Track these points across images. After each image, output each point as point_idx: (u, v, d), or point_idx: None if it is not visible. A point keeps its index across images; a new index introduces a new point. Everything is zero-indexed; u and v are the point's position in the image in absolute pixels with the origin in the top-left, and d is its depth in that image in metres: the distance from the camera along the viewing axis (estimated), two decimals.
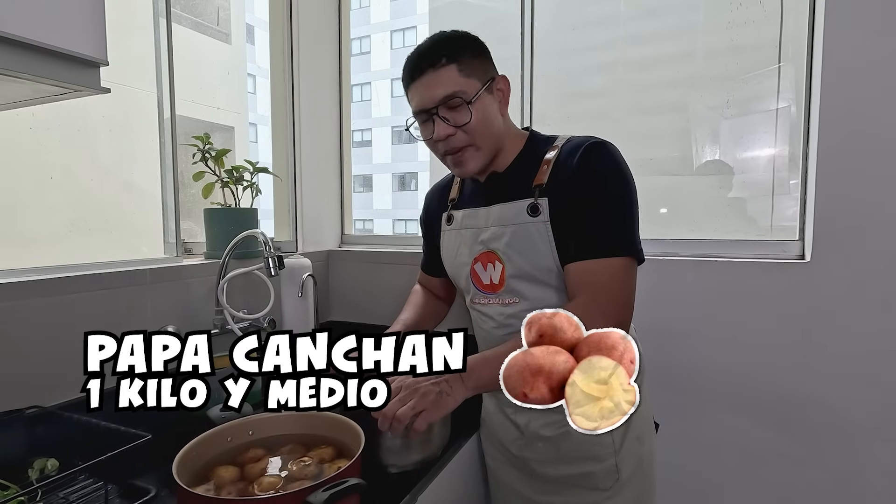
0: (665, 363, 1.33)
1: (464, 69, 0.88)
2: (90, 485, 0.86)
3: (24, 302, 0.93)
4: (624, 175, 0.88)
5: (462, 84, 0.88)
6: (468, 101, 0.87)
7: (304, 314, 1.35)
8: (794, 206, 1.31)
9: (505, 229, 0.93)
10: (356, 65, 17.74)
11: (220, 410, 1.04)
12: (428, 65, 0.88)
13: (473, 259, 0.99)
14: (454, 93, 0.87)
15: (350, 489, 0.66)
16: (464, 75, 0.88)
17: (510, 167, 0.97)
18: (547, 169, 0.91)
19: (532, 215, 0.90)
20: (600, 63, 1.66)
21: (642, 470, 0.99)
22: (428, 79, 0.88)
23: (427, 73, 0.89)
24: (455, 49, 0.89)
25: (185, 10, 3.02)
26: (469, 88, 0.88)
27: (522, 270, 0.93)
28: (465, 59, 0.89)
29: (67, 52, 0.69)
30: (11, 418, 0.88)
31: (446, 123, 0.89)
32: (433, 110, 0.89)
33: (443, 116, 0.89)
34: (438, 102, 0.88)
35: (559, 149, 0.92)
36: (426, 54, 0.89)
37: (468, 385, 0.81)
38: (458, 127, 0.89)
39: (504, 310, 0.96)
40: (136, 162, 1.82)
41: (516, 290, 0.94)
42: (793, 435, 1.25)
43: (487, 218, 0.97)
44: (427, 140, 0.94)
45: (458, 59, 0.88)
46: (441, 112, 0.89)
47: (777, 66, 1.36)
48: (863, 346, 1.17)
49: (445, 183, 1.14)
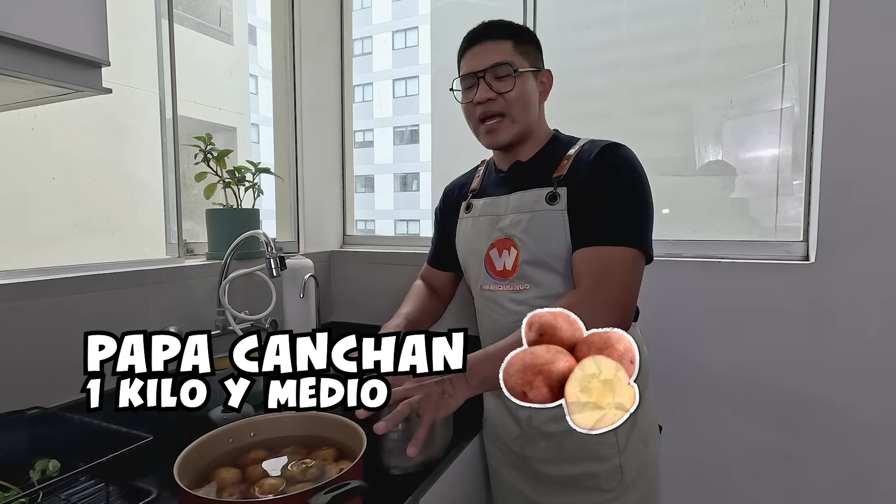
0: (669, 365, 1.33)
1: (519, 49, 0.96)
2: (91, 486, 0.86)
3: (26, 302, 0.93)
4: (638, 173, 0.92)
5: (513, 57, 0.95)
6: (515, 71, 0.94)
7: (305, 315, 1.35)
8: (797, 207, 1.31)
9: (523, 216, 0.96)
10: (358, 65, 17.77)
11: (221, 411, 1.03)
12: (487, 36, 0.97)
13: (490, 245, 1.01)
14: (504, 61, 0.94)
15: (352, 491, 0.66)
16: (518, 53, 0.96)
17: (532, 158, 1.01)
18: (567, 163, 0.95)
19: (550, 203, 0.93)
20: (602, 63, 1.65)
21: (647, 473, 0.98)
22: (484, 47, 0.96)
23: (485, 43, 0.96)
24: (517, 31, 0.98)
25: (187, 10, 3.02)
26: (518, 63, 0.95)
27: (536, 257, 0.94)
28: (521, 41, 0.97)
29: (69, 52, 0.69)
30: (13, 419, 0.88)
31: (489, 88, 0.95)
32: (480, 73, 0.95)
33: (488, 82, 0.95)
34: (487, 67, 0.95)
35: (580, 147, 0.97)
36: (489, 27, 0.98)
37: (472, 384, 0.81)
38: (500, 94, 0.95)
39: (514, 296, 0.98)
40: (139, 162, 1.82)
41: (528, 277, 0.96)
42: (798, 436, 1.24)
43: (507, 205, 0.99)
44: (467, 103, 0.99)
45: (515, 38, 0.97)
46: (487, 77, 0.95)
47: (781, 65, 1.36)
48: (868, 347, 1.16)
49: (467, 177, 1.17)
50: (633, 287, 0.88)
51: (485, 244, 1.02)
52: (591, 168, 0.92)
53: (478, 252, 1.04)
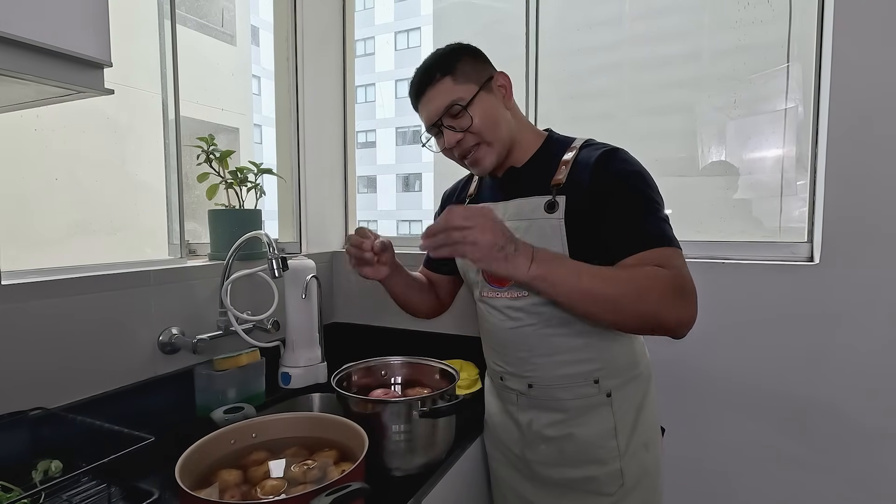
0: (672, 366, 1.32)
1: (458, 78, 0.93)
2: (93, 487, 0.86)
3: (29, 303, 0.93)
4: (645, 177, 0.89)
5: (458, 91, 0.92)
6: (465, 105, 0.92)
7: (308, 315, 1.35)
8: (800, 208, 1.30)
9: (521, 223, 0.94)
10: (360, 66, 17.77)
11: (223, 413, 1.03)
12: (426, 84, 0.95)
13: None
14: (452, 101, 0.92)
15: (354, 493, 0.66)
16: (459, 83, 0.93)
17: (528, 163, 0.99)
18: (565, 169, 0.93)
19: (549, 212, 0.91)
20: (605, 63, 1.65)
21: (648, 477, 0.98)
22: (427, 98, 0.95)
23: (426, 92, 0.95)
24: (447, 62, 0.94)
25: (189, 11, 3.02)
26: (466, 94, 0.92)
27: None
28: (458, 68, 0.93)
29: (70, 53, 0.69)
30: (15, 420, 0.88)
31: (452, 131, 0.94)
32: (438, 122, 0.95)
33: (448, 126, 0.94)
34: (441, 114, 0.93)
35: (577, 150, 0.94)
36: (422, 75, 0.96)
37: (537, 260, 0.74)
38: (464, 131, 0.93)
39: (512, 303, 0.96)
40: (141, 163, 1.82)
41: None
42: (801, 439, 1.23)
43: (505, 212, 0.98)
44: (443, 151, 0.99)
45: (451, 71, 0.93)
46: (445, 122, 0.94)
47: (785, 65, 1.35)
48: (873, 348, 1.16)
49: (465, 181, 1.17)
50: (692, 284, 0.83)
51: None
52: (593, 176, 0.88)
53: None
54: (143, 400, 1.10)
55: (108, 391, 1.05)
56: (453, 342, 1.54)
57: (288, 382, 1.30)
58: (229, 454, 0.83)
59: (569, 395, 0.95)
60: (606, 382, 0.95)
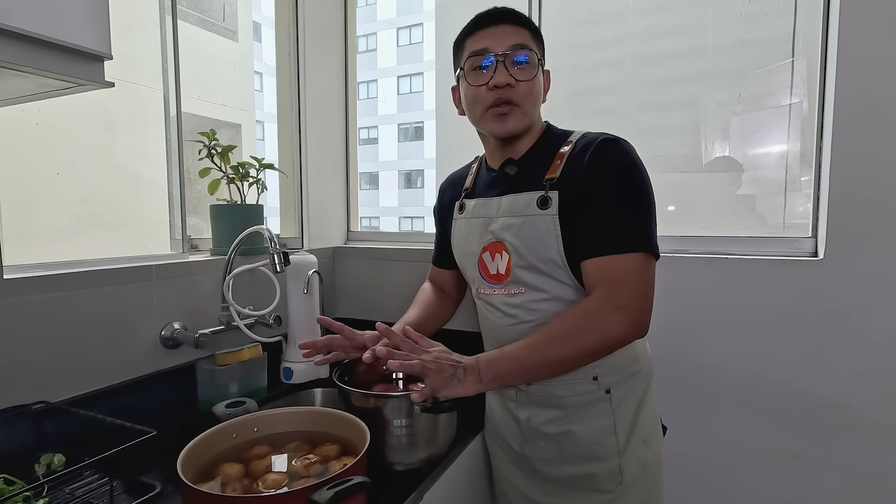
0: (675, 362, 1.32)
1: (535, 41, 0.95)
2: (96, 480, 0.86)
3: (31, 297, 0.94)
4: (639, 170, 0.89)
5: (533, 46, 0.93)
6: (539, 59, 0.94)
7: (309, 311, 1.35)
8: (804, 203, 1.29)
9: (514, 219, 0.94)
10: (362, 62, 17.71)
11: (224, 407, 1.04)
12: (508, 18, 0.93)
13: (482, 248, 0.99)
14: (528, 45, 0.92)
15: (355, 487, 0.66)
16: (533, 45, 0.94)
17: (525, 156, 0.98)
18: (560, 163, 0.92)
19: (542, 208, 0.90)
20: (608, 59, 1.64)
21: (648, 474, 0.97)
22: (506, 28, 0.92)
23: (506, 24, 0.93)
24: (531, 23, 0.96)
25: (191, 6, 3.02)
26: (539, 52, 0.95)
27: (528, 261, 0.93)
28: (538, 34, 0.96)
29: (70, 45, 0.69)
30: (18, 414, 0.88)
31: (508, 73, 0.91)
32: (500, 56, 0.91)
33: (508, 65, 0.91)
34: (509, 49, 0.91)
35: (573, 144, 0.93)
36: (507, 11, 0.94)
37: (484, 378, 0.80)
38: (519, 81, 0.91)
39: (509, 300, 0.96)
40: (143, 158, 1.82)
41: (522, 281, 0.94)
42: (806, 435, 1.23)
43: (499, 208, 0.97)
44: (479, 86, 0.93)
45: (533, 30, 0.95)
46: (507, 61, 0.91)
47: (790, 60, 1.34)
48: (877, 344, 1.15)
49: (460, 174, 1.15)
50: (648, 292, 0.86)
51: (477, 247, 1.00)
52: (586, 169, 0.88)
53: (472, 255, 1.02)
54: (146, 394, 1.10)
55: (110, 385, 1.05)
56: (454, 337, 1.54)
57: (290, 377, 1.30)
58: (231, 448, 0.83)
59: (567, 392, 0.95)
60: (605, 379, 0.95)
